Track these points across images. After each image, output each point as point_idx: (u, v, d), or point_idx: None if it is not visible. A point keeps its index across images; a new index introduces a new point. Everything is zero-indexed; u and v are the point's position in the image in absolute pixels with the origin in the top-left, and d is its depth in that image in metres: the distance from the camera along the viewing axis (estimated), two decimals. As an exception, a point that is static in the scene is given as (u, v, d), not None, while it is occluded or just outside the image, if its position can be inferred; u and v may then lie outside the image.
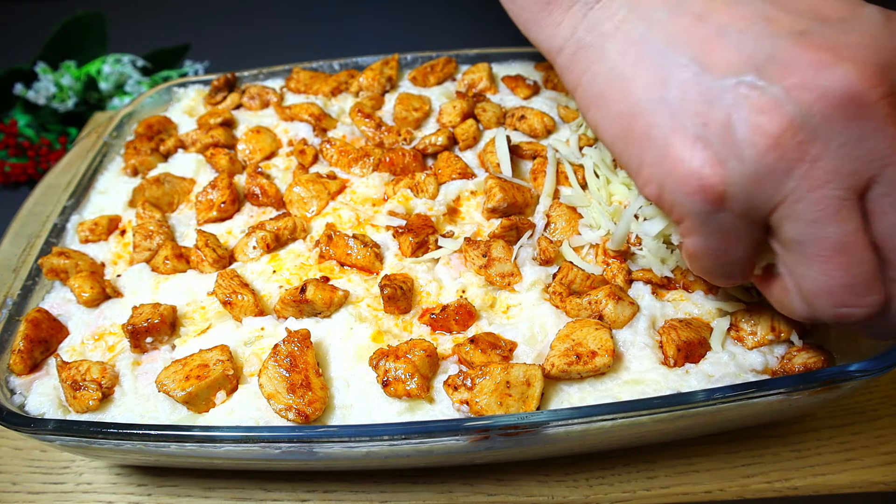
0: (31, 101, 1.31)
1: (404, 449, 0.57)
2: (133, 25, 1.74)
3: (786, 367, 0.61)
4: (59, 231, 0.82)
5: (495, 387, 0.58)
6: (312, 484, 0.69)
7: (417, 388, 0.58)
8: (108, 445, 0.59)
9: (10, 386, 0.66)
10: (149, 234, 0.77)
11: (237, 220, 0.81)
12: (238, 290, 0.68)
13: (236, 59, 1.23)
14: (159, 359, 0.66)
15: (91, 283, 0.72)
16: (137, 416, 0.62)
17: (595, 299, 0.64)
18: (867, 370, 0.56)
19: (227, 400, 0.62)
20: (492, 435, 0.56)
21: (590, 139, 0.86)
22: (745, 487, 0.67)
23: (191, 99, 1.04)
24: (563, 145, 0.83)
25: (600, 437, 0.60)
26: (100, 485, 0.71)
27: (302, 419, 0.58)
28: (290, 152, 0.89)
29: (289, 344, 0.61)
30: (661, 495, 0.67)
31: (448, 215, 0.77)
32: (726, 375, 0.60)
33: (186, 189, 0.86)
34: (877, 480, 0.66)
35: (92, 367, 0.64)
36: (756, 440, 0.70)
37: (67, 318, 0.72)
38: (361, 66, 1.04)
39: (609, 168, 0.76)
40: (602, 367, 0.60)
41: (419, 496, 0.68)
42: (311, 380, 0.60)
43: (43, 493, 0.70)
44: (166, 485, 0.70)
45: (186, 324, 0.70)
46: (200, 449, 0.58)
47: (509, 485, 0.68)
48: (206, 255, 0.73)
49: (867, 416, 0.72)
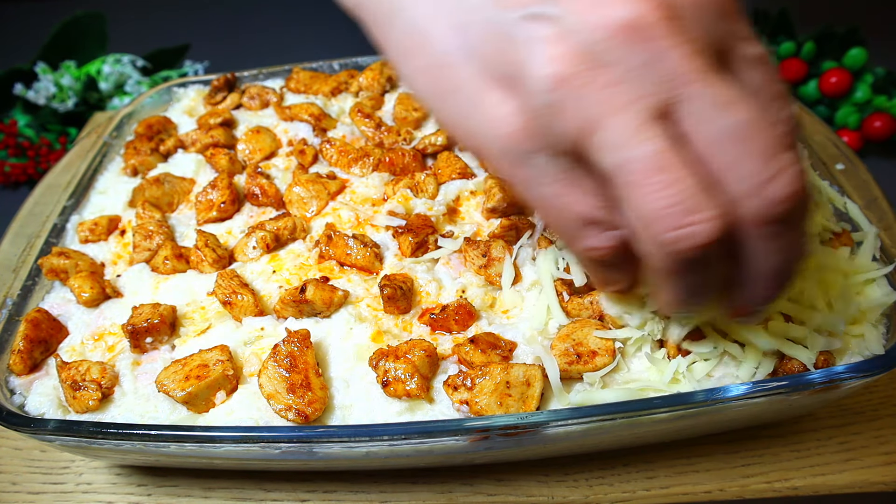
0: (30, 101, 1.31)
1: (404, 449, 0.57)
2: (133, 25, 1.74)
3: (786, 368, 0.61)
4: (59, 231, 0.82)
5: (495, 387, 0.58)
6: (312, 484, 0.69)
7: (417, 389, 0.58)
8: (107, 445, 0.59)
9: (10, 386, 0.66)
10: (148, 235, 0.77)
11: (237, 221, 0.81)
12: (238, 291, 0.68)
13: (236, 59, 1.23)
14: (159, 359, 0.66)
15: (91, 283, 0.72)
16: (137, 417, 0.62)
17: (596, 299, 0.64)
18: (867, 370, 0.56)
19: (227, 400, 0.62)
20: (491, 435, 0.56)
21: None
22: (744, 487, 0.67)
23: (191, 99, 1.04)
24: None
25: (600, 437, 0.60)
26: (99, 485, 0.71)
27: (302, 419, 0.58)
28: (289, 152, 0.89)
29: (288, 344, 0.61)
30: (660, 495, 0.67)
31: (448, 215, 0.77)
32: (726, 376, 0.60)
33: (186, 189, 0.86)
34: (876, 480, 0.66)
35: (92, 368, 0.64)
36: (756, 440, 0.70)
37: (67, 319, 0.72)
38: (361, 66, 1.04)
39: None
40: (602, 367, 0.60)
41: (419, 496, 0.68)
42: (310, 380, 0.60)
43: (43, 493, 0.70)
44: (166, 485, 0.70)
45: (186, 324, 0.70)
46: (200, 449, 0.58)
47: (509, 485, 0.68)
48: (206, 255, 0.73)
49: (867, 416, 0.72)
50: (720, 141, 0.42)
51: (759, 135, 0.42)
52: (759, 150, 0.42)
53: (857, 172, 0.77)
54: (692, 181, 0.41)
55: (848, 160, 0.79)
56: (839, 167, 0.78)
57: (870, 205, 0.73)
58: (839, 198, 0.75)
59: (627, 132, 0.41)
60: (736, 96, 0.42)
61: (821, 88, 1.21)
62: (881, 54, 1.25)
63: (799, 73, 1.23)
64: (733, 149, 0.42)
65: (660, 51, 0.41)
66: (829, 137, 0.83)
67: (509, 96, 0.45)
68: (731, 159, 0.42)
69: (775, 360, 0.61)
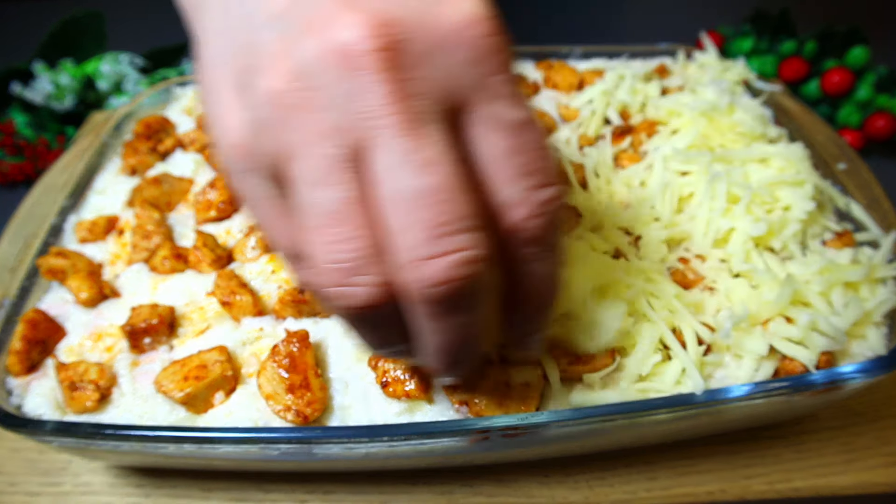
0: (28, 100, 1.31)
1: (403, 450, 0.57)
2: (131, 24, 1.73)
3: (787, 368, 0.61)
4: (57, 231, 0.81)
5: (495, 387, 0.57)
6: (311, 485, 0.69)
7: (416, 389, 0.58)
8: (106, 446, 0.59)
9: (8, 387, 0.65)
10: (147, 234, 0.76)
11: (236, 220, 0.81)
12: (237, 291, 0.68)
13: (235, 58, 1.22)
14: (157, 359, 0.66)
15: (89, 283, 0.72)
16: (136, 417, 0.62)
17: (596, 299, 0.64)
18: (870, 371, 0.56)
19: (226, 401, 0.62)
20: (491, 436, 0.56)
21: (590, 139, 0.85)
22: (746, 488, 0.66)
23: (189, 98, 1.04)
24: (563, 145, 0.83)
25: (601, 438, 0.60)
26: (98, 486, 0.70)
27: (301, 420, 0.58)
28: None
29: (288, 344, 0.61)
30: (662, 496, 0.66)
31: (448, 215, 0.77)
32: (727, 376, 0.60)
33: (185, 189, 0.85)
34: (879, 481, 0.66)
35: (90, 368, 0.64)
36: (757, 441, 0.70)
37: (65, 319, 0.71)
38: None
39: (610, 167, 0.76)
40: (602, 367, 0.59)
41: (419, 497, 0.68)
42: (310, 380, 0.59)
43: (40, 493, 0.69)
44: (165, 486, 0.70)
45: (185, 324, 0.69)
46: (199, 450, 0.57)
47: (509, 486, 0.68)
48: (205, 255, 0.73)
49: (869, 416, 0.72)
50: (396, 202, 0.38)
51: (437, 206, 0.37)
52: (429, 224, 0.37)
53: (859, 172, 0.77)
54: (363, 243, 0.39)
55: (850, 160, 0.79)
56: (841, 167, 0.78)
57: (872, 204, 0.73)
58: (841, 197, 0.74)
59: (319, 171, 0.39)
60: (433, 158, 0.38)
61: (822, 88, 1.20)
62: (883, 53, 1.25)
63: (800, 73, 1.22)
64: (405, 215, 0.38)
65: (363, 85, 0.38)
66: (831, 137, 0.83)
67: (241, 106, 0.42)
68: (400, 225, 0.38)
69: (776, 360, 0.61)
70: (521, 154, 0.41)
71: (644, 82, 0.95)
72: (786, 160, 0.76)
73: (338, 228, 0.39)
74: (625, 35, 1.64)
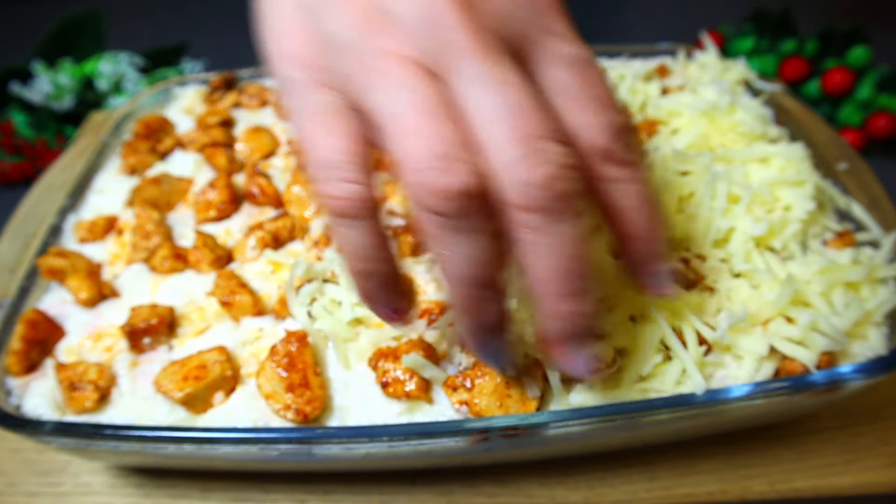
0: (27, 100, 1.31)
1: (403, 450, 0.57)
2: (131, 24, 1.73)
3: (787, 368, 0.61)
4: (57, 231, 0.81)
5: (495, 387, 0.57)
6: (311, 485, 0.69)
7: (416, 389, 0.58)
8: (105, 447, 0.59)
9: (7, 387, 0.65)
10: (147, 234, 0.76)
11: (236, 220, 0.81)
12: (236, 291, 0.68)
13: (235, 57, 1.22)
14: (157, 360, 0.66)
15: (89, 283, 0.71)
16: (135, 418, 0.62)
17: (596, 299, 0.63)
18: (871, 371, 0.56)
19: (226, 401, 0.62)
20: (491, 436, 0.55)
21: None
22: (746, 489, 0.66)
23: (189, 98, 1.04)
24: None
25: (601, 438, 0.60)
26: (97, 486, 0.70)
27: (301, 418, 0.58)
28: (288, 152, 0.89)
29: (286, 344, 0.61)
30: (662, 497, 0.66)
31: (448, 215, 0.77)
32: (727, 377, 0.60)
33: (184, 189, 0.85)
34: (880, 482, 0.66)
35: (89, 368, 0.64)
36: (758, 441, 0.70)
37: (65, 319, 0.71)
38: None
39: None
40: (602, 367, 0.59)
41: (418, 497, 0.68)
42: (309, 379, 0.59)
43: (40, 494, 0.69)
44: (164, 486, 0.70)
45: (184, 324, 0.69)
46: (199, 450, 0.57)
47: (509, 486, 0.68)
48: (205, 255, 0.73)
49: (870, 417, 0.71)
50: (484, 114, 0.40)
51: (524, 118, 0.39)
52: (521, 132, 0.39)
53: (860, 172, 0.77)
54: (455, 137, 0.40)
55: (850, 160, 0.79)
56: (842, 167, 0.78)
57: (872, 204, 0.73)
58: (841, 197, 0.74)
59: (406, 82, 0.41)
60: (513, 80, 0.40)
61: (823, 87, 1.20)
62: (884, 53, 1.25)
63: (801, 72, 1.22)
64: (497, 126, 0.40)
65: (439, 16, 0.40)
66: (832, 137, 0.83)
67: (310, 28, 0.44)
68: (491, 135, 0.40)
69: (777, 360, 0.61)
70: (589, 85, 0.44)
71: (644, 82, 0.95)
72: (786, 160, 0.76)
73: (429, 120, 0.40)
74: (625, 34, 1.64)
